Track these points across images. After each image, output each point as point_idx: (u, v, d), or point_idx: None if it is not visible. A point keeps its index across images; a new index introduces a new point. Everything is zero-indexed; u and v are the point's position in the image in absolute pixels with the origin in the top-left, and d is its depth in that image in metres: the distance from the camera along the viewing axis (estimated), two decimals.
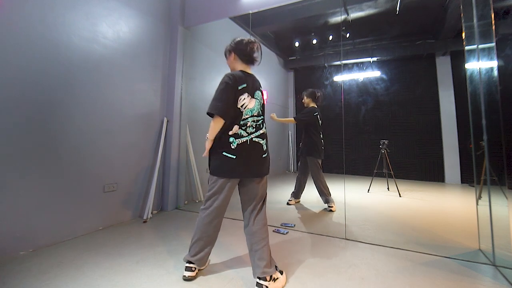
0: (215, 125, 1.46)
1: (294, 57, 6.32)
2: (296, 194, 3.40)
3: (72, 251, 1.92)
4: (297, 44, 5.72)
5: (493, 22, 1.81)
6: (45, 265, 1.70)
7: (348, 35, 5.23)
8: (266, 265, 1.45)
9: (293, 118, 3.29)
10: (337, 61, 5.90)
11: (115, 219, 2.53)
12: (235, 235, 2.27)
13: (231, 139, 1.48)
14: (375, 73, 5.75)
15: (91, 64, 2.34)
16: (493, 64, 1.84)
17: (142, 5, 2.85)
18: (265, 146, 1.58)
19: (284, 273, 1.56)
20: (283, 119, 3.43)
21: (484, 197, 1.91)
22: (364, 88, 5.85)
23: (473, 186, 4.45)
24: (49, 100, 2.04)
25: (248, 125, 1.51)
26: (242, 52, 1.58)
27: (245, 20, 4.18)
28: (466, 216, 2.91)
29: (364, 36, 5.45)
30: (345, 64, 5.88)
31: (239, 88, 1.49)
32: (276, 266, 1.53)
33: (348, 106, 5.95)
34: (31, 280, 1.52)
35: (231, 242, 2.13)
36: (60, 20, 2.11)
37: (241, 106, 1.50)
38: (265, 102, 1.65)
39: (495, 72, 1.82)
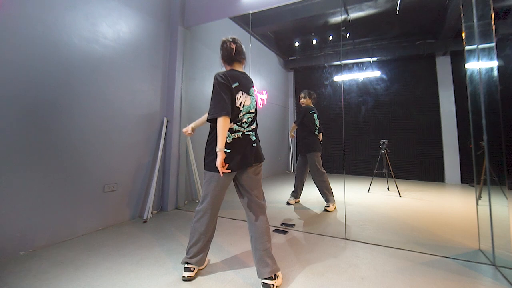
0: (223, 127, 1.40)
1: (294, 57, 6.32)
2: (296, 193, 3.41)
3: (72, 251, 1.92)
4: (297, 44, 5.71)
5: (493, 22, 1.81)
6: (45, 265, 1.70)
7: (348, 35, 5.23)
8: (273, 263, 1.47)
9: (294, 124, 3.39)
10: (337, 61, 5.89)
11: (115, 219, 2.53)
12: (235, 235, 2.27)
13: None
14: (375, 73, 5.75)
15: (91, 64, 2.34)
16: (493, 64, 1.84)
17: (142, 5, 2.85)
18: (253, 137, 1.61)
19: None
20: (291, 130, 3.44)
21: (484, 197, 1.91)
22: (364, 88, 5.84)
23: (473, 186, 4.45)
24: (49, 100, 2.04)
25: (243, 121, 1.55)
26: (223, 53, 1.68)
27: (245, 20, 4.18)
28: (466, 216, 2.91)
29: (364, 36, 5.45)
30: (345, 64, 5.87)
31: (233, 86, 1.51)
32: None
33: (348, 106, 5.94)
34: (31, 280, 1.52)
35: (231, 242, 2.13)
36: (60, 20, 2.11)
37: (240, 104, 1.52)
38: (257, 99, 1.69)
39: (495, 72, 1.81)
